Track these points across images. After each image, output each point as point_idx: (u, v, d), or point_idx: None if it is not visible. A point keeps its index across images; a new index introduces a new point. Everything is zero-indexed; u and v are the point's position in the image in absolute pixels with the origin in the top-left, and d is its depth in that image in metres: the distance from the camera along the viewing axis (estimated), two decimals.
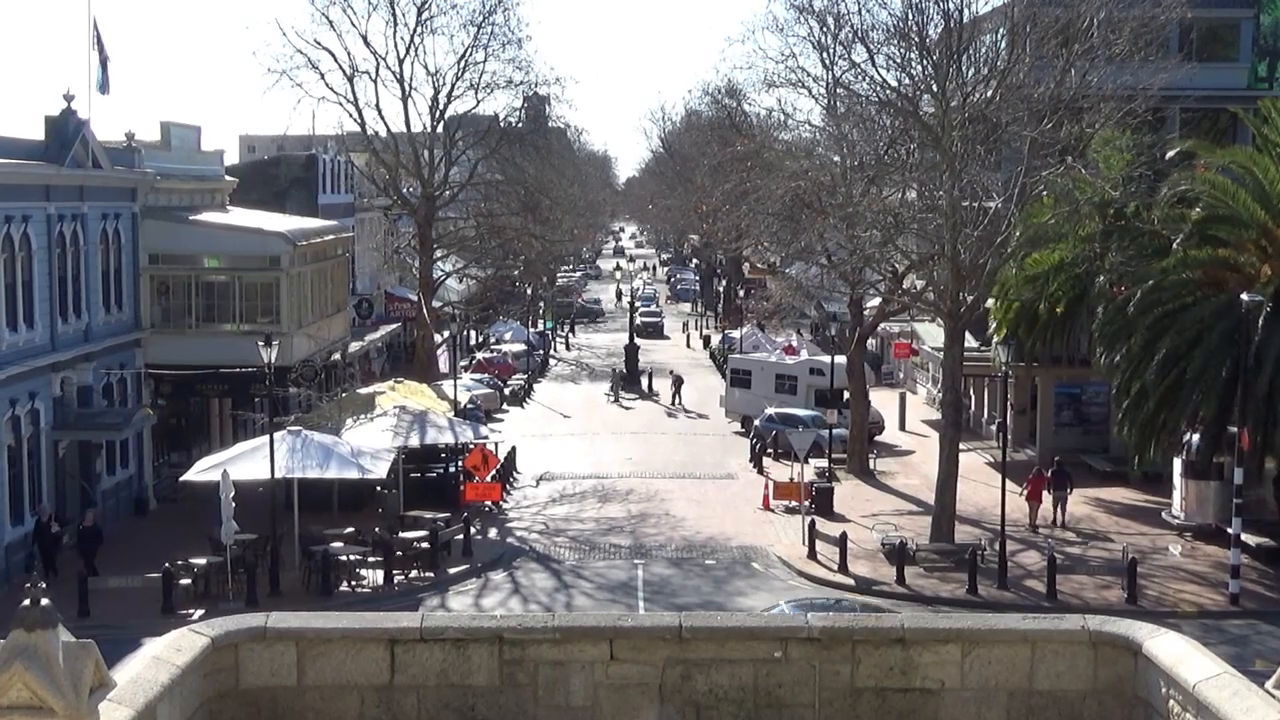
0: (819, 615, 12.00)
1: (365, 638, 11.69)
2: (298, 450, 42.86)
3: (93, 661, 8.86)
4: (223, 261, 54.92)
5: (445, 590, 42.50)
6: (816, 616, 11.88)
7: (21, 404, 44.07)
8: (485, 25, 70.05)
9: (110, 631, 32.47)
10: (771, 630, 11.86)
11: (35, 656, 8.57)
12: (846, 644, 11.69)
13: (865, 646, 11.71)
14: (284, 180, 75.75)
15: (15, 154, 44.57)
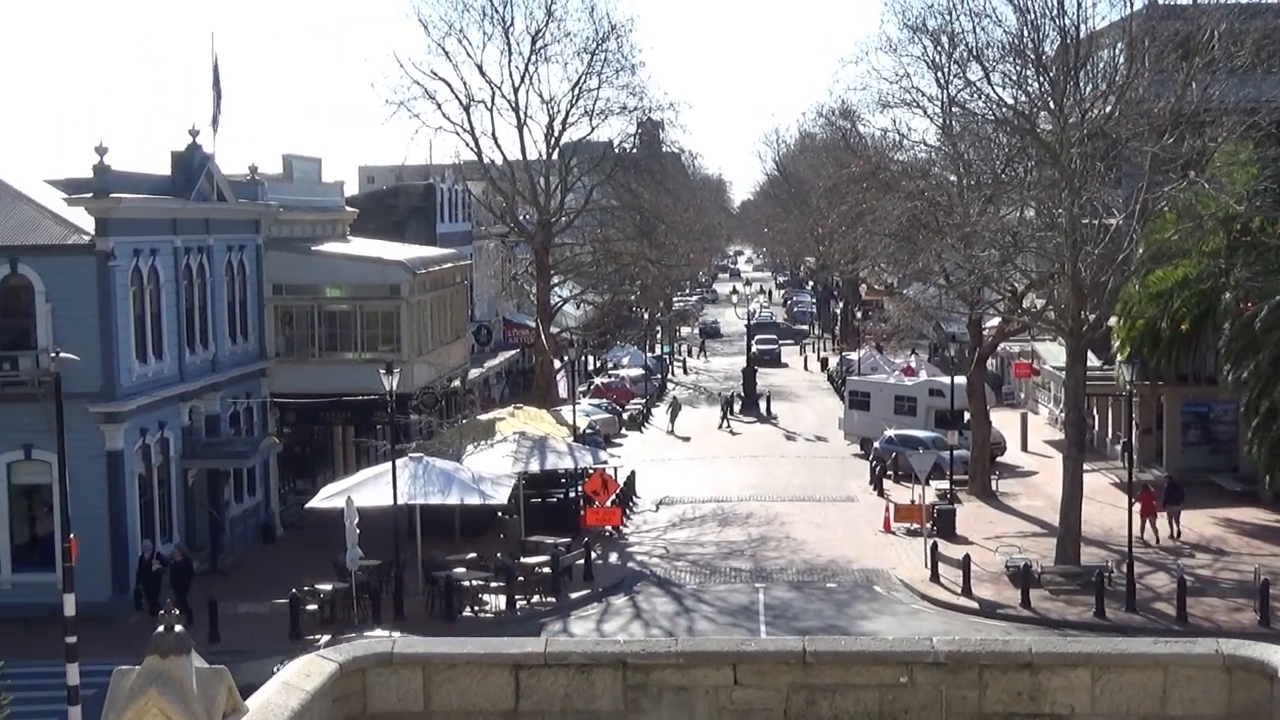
0: (945, 640, 11.86)
1: (490, 663, 11.74)
2: (420, 476, 43.27)
3: (225, 687, 9.00)
4: (344, 291, 55.64)
5: (567, 615, 42.62)
6: (943, 641, 11.76)
7: (152, 433, 44.97)
8: (599, 52, 70.54)
9: (240, 657, 32.93)
10: (897, 655, 11.75)
11: (169, 682, 8.72)
12: (973, 669, 11.54)
13: (992, 671, 11.55)
14: (403, 210, 76.64)
15: (144, 189, 45.58)
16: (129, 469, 43.41)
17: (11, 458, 42.92)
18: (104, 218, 42.63)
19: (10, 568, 43.22)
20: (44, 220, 43.75)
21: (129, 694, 8.76)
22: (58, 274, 42.45)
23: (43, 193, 45.88)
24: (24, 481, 43.39)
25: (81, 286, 42.28)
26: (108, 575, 42.42)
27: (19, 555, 43.36)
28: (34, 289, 42.56)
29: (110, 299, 42.50)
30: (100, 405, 42.10)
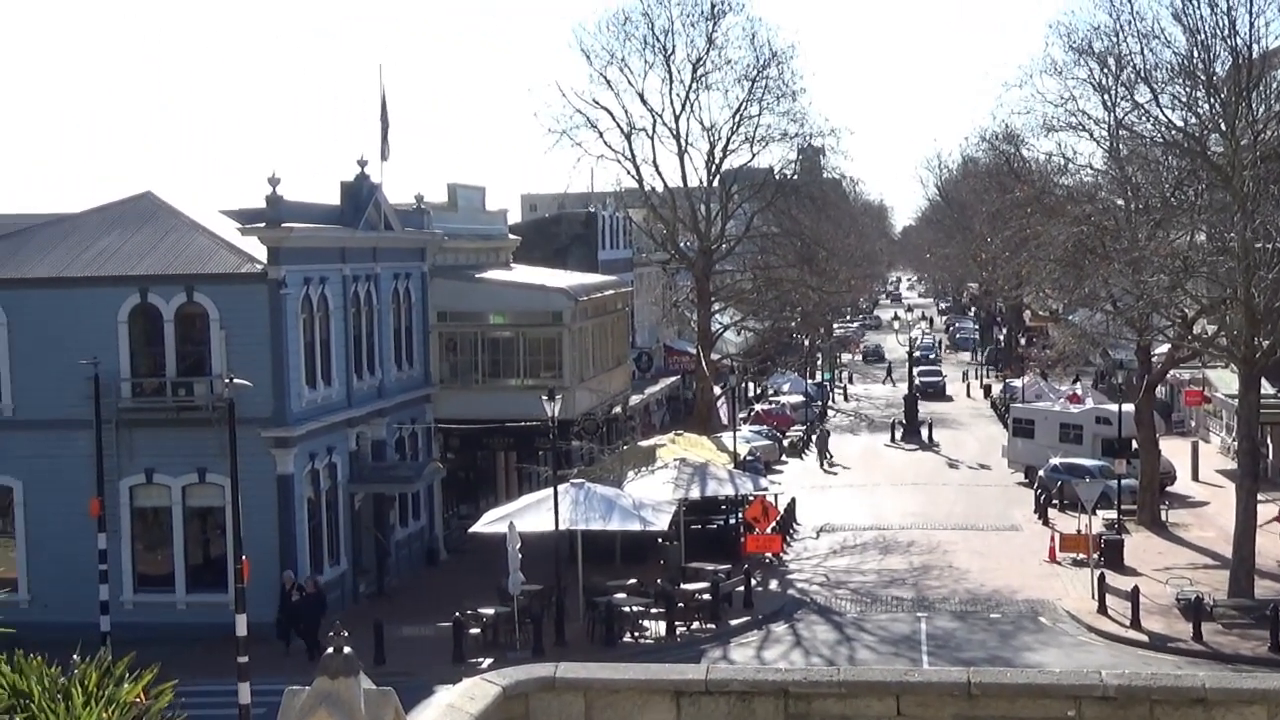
0: (1114, 674, 11.65)
1: (651, 689, 11.78)
2: (581, 502, 43.54)
3: (392, 709, 9.16)
4: (507, 318, 56.30)
5: (727, 642, 42.54)
6: (1112, 675, 11.55)
7: (320, 458, 45.88)
8: (760, 79, 70.56)
9: (404, 679, 33.39)
10: (1064, 688, 11.57)
11: (339, 703, 8.90)
12: (1144, 703, 11.32)
13: (1164, 707, 11.32)
14: (565, 237, 77.36)
15: (314, 218, 46.61)
16: (298, 493, 44.32)
17: (186, 481, 44.08)
18: (276, 247, 43.67)
19: (184, 588, 44.35)
20: (219, 249, 44.95)
21: (299, 714, 8.96)
22: (231, 302, 43.57)
23: (218, 223, 47.19)
24: (198, 504, 44.54)
25: (254, 314, 43.32)
26: (278, 597, 43.28)
27: (193, 576, 44.48)
28: (209, 316, 43.72)
29: (281, 326, 43.48)
30: (271, 430, 43.05)
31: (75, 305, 43.95)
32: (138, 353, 44.25)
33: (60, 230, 47.17)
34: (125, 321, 43.95)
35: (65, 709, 12.26)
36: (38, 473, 44.18)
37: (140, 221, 46.91)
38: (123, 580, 43.74)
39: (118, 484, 43.45)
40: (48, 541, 44.04)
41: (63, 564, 43.26)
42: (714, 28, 69.88)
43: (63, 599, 42.21)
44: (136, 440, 43.59)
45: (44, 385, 43.81)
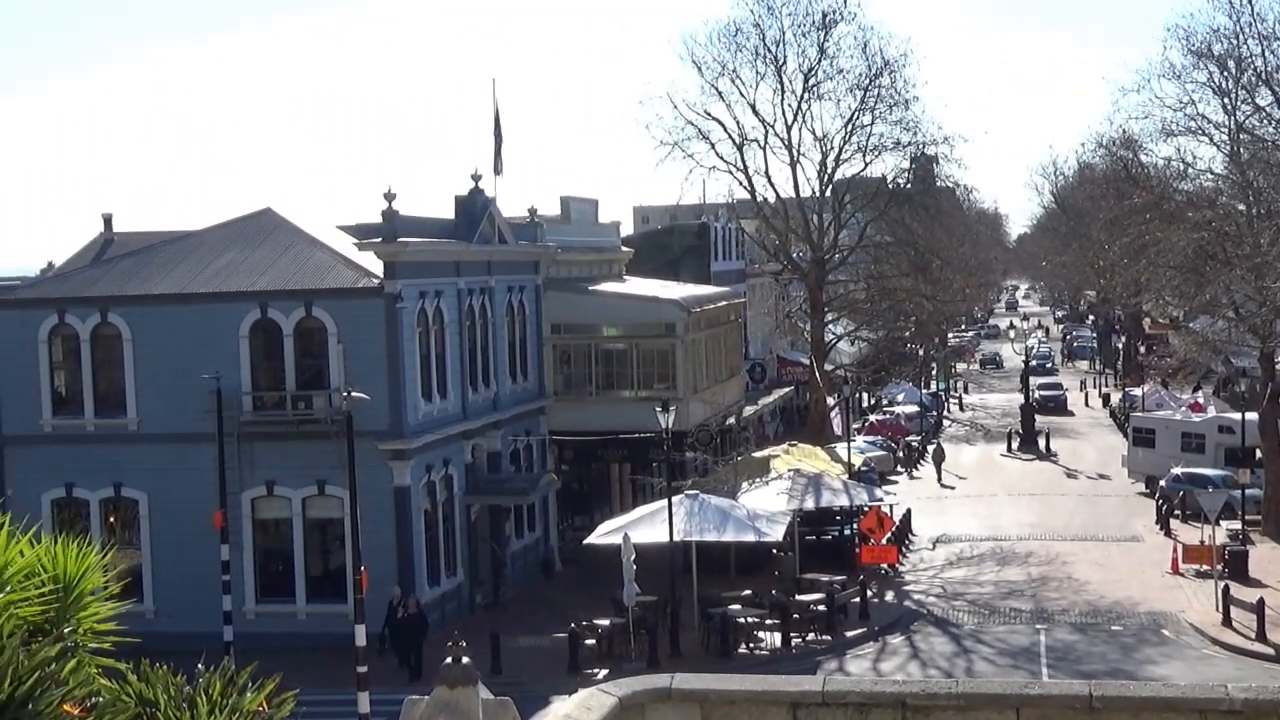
0: (1241, 687, 11.44)
1: (768, 700, 11.76)
2: (695, 513, 43.53)
3: (509, 718, 9.22)
4: (621, 330, 56.46)
5: (843, 654, 42.32)
6: (1239, 689, 11.35)
7: (436, 470, 46.30)
8: (872, 88, 70.23)
9: (520, 689, 33.60)
10: (1190, 702, 11.38)
11: (458, 712, 8.98)
12: (1272, 717, 11.11)
13: None
14: (677, 249, 77.46)
15: (429, 232, 47.10)
16: (415, 504, 44.76)
17: (306, 493, 44.69)
18: (392, 261, 44.17)
19: (304, 599, 44.94)
20: (336, 264, 45.56)
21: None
22: (349, 316, 44.12)
23: (335, 238, 47.83)
24: (317, 516, 45.13)
25: (371, 328, 43.83)
26: (384, 611, 43.67)
27: (312, 587, 45.06)
28: (327, 330, 44.30)
29: (398, 340, 43.96)
30: (388, 443, 43.52)
31: (198, 320, 44.75)
32: (258, 367, 44.95)
33: (183, 247, 48.08)
34: (246, 336, 44.67)
35: (190, 717, 12.50)
36: (162, 485, 45.02)
37: (260, 237, 47.68)
38: (245, 591, 44.42)
39: (239, 496, 44.14)
40: (172, 553, 44.85)
41: (187, 575, 44.03)
42: (825, 37, 69.74)
43: (187, 609, 42.97)
44: (257, 453, 44.28)
45: (168, 399, 44.65)
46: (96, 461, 45.37)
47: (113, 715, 12.41)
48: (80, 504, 45.75)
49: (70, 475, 45.50)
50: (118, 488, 45.61)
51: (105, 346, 45.71)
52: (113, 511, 46.16)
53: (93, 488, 45.66)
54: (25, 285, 51.77)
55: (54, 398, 46.13)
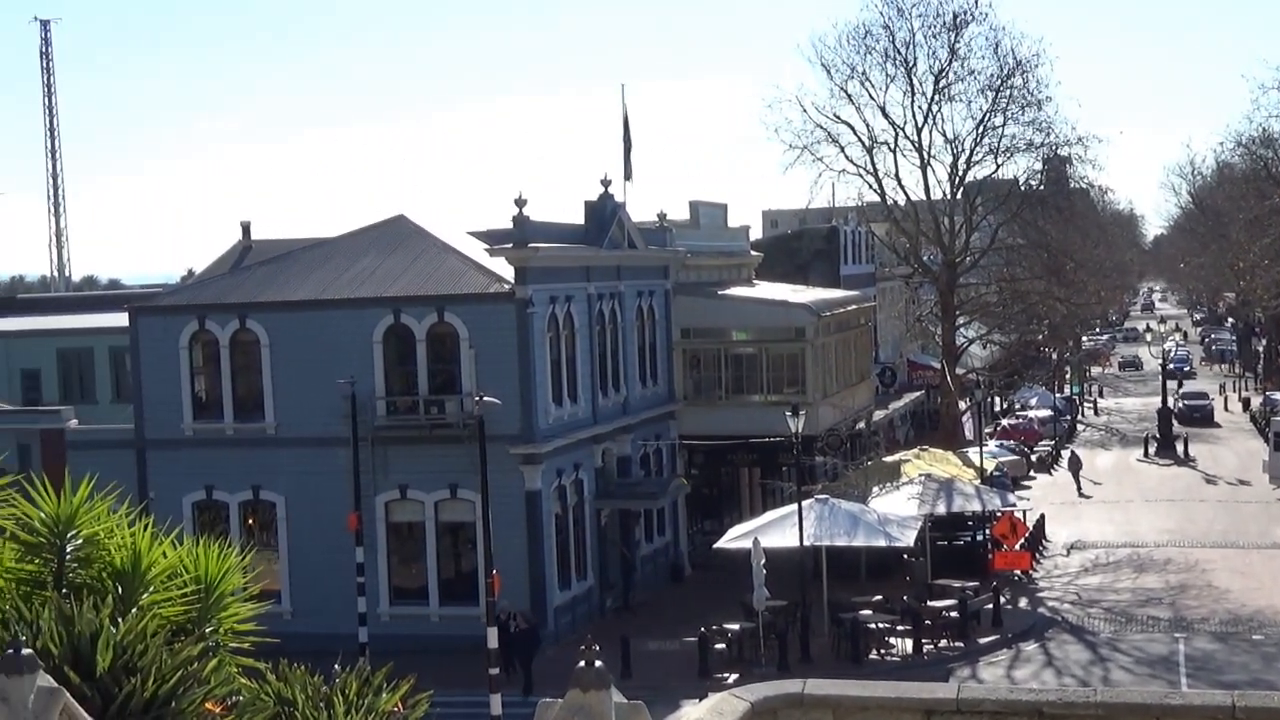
0: None
1: (901, 707, 11.67)
2: (825, 518, 43.36)
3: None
4: (750, 334, 56.40)
5: (975, 661, 41.87)
6: None
7: (567, 474, 46.56)
8: (1004, 89, 69.45)
9: (650, 693, 33.65)
10: None
11: (591, 716, 9.01)
12: None
13: None
14: (806, 253, 77.18)
15: (559, 238, 47.40)
16: (546, 508, 45.04)
17: (438, 496, 45.16)
18: (523, 267, 44.51)
19: (437, 601, 45.41)
20: (468, 270, 46.01)
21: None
22: (480, 321, 44.53)
23: (467, 244, 48.34)
24: (449, 519, 45.58)
25: (502, 333, 44.20)
26: (527, 610, 43.96)
27: (445, 589, 45.52)
28: (459, 336, 44.75)
29: (529, 345, 44.28)
30: (520, 447, 43.84)
31: (333, 326, 45.43)
32: (391, 372, 45.52)
33: (319, 254, 48.84)
34: (380, 342, 45.25)
35: (327, 717, 12.68)
36: (299, 488, 45.76)
37: (394, 244, 48.30)
38: (379, 593, 44.98)
39: (373, 499, 44.71)
40: (309, 554, 45.55)
41: (322, 576, 44.69)
42: (956, 38, 69.10)
43: (323, 610, 43.61)
44: (391, 457, 44.83)
45: (304, 404, 45.37)
46: (236, 465, 46.24)
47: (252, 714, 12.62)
48: (220, 506, 46.65)
49: (210, 478, 46.41)
50: (256, 490, 46.44)
51: (244, 352, 46.57)
52: (251, 514, 47.01)
53: (232, 490, 46.54)
54: (167, 292, 52.97)
55: (194, 402, 47.09)
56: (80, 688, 10.38)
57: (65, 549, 14.56)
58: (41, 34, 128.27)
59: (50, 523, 14.71)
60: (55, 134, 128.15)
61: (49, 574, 14.52)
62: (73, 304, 72.51)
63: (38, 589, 14.25)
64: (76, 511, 14.79)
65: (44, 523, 14.78)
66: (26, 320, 64.39)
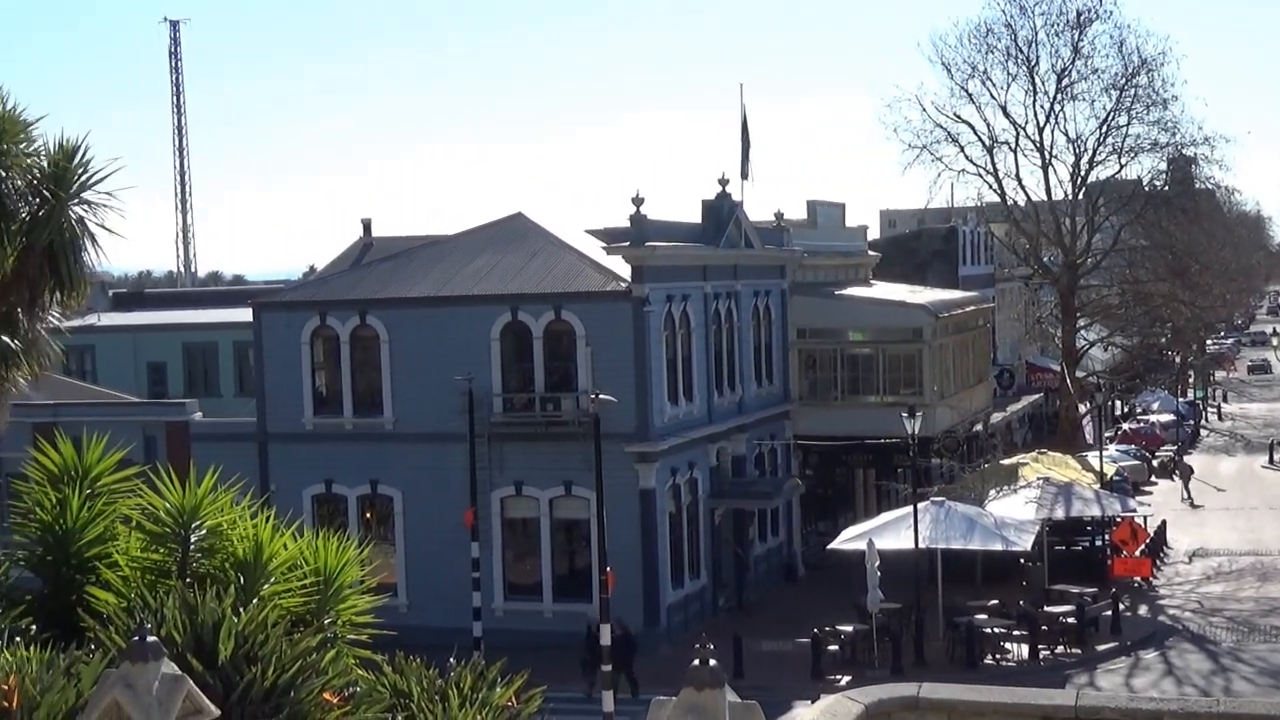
0: None
1: (1018, 713, 11.55)
2: (941, 521, 43.01)
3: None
4: (866, 334, 56.10)
5: (1093, 668, 41.31)
6: None
7: (681, 473, 46.59)
8: (1128, 88, 68.37)
9: (762, 693, 33.58)
10: None
11: (705, 715, 9.01)
12: None
13: None
14: (924, 253, 76.59)
15: (676, 237, 47.44)
16: (660, 507, 45.09)
17: (553, 493, 45.39)
18: (640, 265, 44.61)
19: (551, 597, 45.64)
20: (585, 268, 46.20)
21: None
22: (597, 319, 44.69)
23: (584, 242, 48.54)
24: (564, 516, 45.80)
25: (619, 331, 44.32)
26: (639, 607, 44.12)
27: (559, 586, 45.74)
28: (575, 334, 44.95)
29: (645, 343, 44.36)
30: (634, 445, 43.94)
31: (451, 323, 45.83)
32: (508, 369, 45.83)
33: (438, 251, 49.31)
34: (497, 339, 45.58)
35: (442, 710, 12.80)
36: (416, 483, 46.21)
37: (511, 242, 48.62)
38: (493, 588, 45.30)
39: (489, 495, 45.04)
40: (425, 549, 45.99)
41: (438, 571, 45.10)
42: (1080, 36, 68.13)
43: (438, 604, 44.01)
44: (507, 453, 45.15)
45: (422, 400, 45.81)
46: (354, 459, 46.81)
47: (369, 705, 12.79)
48: (339, 500, 47.25)
49: (330, 472, 47.02)
50: (374, 485, 46.98)
51: (364, 348, 47.14)
52: (369, 508, 47.56)
53: (351, 484, 47.12)
54: (289, 288, 53.83)
55: (315, 397, 47.73)
56: (203, 675, 10.58)
57: (189, 539, 14.85)
58: (170, 34, 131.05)
59: (175, 513, 15.00)
60: (183, 132, 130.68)
61: (174, 563, 14.81)
62: (198, 299, 73.98)
63: (162, 578, 14.54)
64: (201, 503, 15.07)
65: (169, 513, 15.08)
66: (153, 315, 65.73)
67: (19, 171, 16.00)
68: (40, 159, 16.16)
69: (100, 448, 16.12)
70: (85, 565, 15.02)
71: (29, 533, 15.58)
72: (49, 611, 14.57)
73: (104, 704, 8.35)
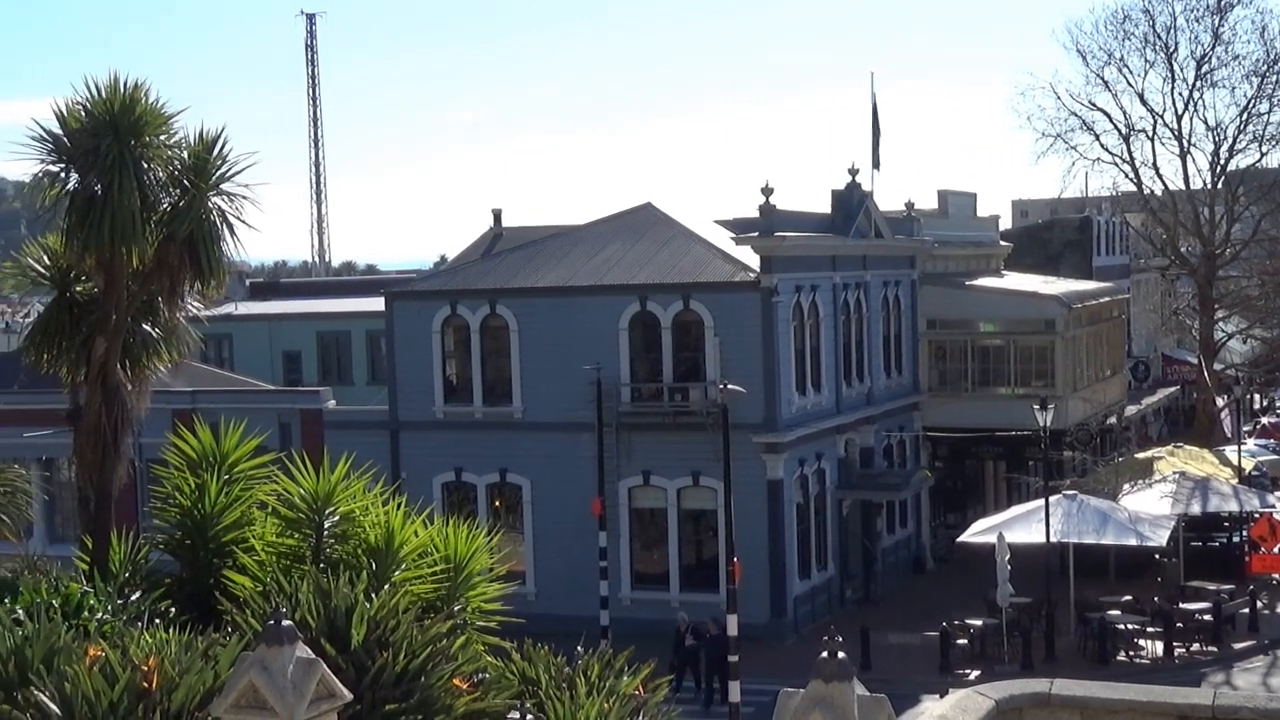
0: None
1: (1153, 712, 11.37)
2: (1073, 515, 42.41)
3: (884, 716, 9.17)
4: (997, 325, 55.44)
5: (1229, 666, 40.52)
6: None
7: (809, 464, 46.42)
8: (1270, 74, 66.89)
9: (889, 686, 33.37)
10: None
11: (833, 707, 8.97)
12: None
13: None
14: (1057, 243, 75.51)
15: (805, 227, 47.25)
16: (788, 498, 44.96)
17: (681, 483, 45.44)
18: (768, 256, 44.48)
19: (678, 587, 45.71)
20: (714, 259, 46.16)
21: (794, 716, 9.09)
22: (725, 310, 44.64)
23: (713, 232, 48.49)
24: (691, 506, 45.84)
25: (747, 322, 44.22)
26: (766, 599, 44.05)
27: (685, 576, 45.79)
28: (704, 324, 44.93)
29: (773, 334, 44.23)
30: (762, 436, 43.84)
31: (580, 313, 46.04)
32: (636, 359, 45.93)
33: (567, 241, 49.54)
34: (625, 329, 45.69)
35: (569, 697, 12.90)
36: (545, 472, 46.51)
37: (640, 232, 48.71)
38: (621, 577, 45.46)
39: (617, 485, 45.20)
40: (553, 537, 46.28)
41: (566, 559, 45.37)
42: (1220, 22, 66.80)
43: (565, 593, 44.28)
44: (635, 443, 45.27)
45: (550, 389, 46.07)
46: (484, 447, 47.20)
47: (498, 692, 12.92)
48: (468, 488, 47.68)
49: (459, 460, 47.45)
50: (503, 473, 47.35)
51: (493, 337, 47.50)
52: (498, 496, 47.95)
53: (480, 473, 47.53)
54: (421, 278, 54.42)
55: (445, 386, 48.21)
56: (335, 660, 10.77)
57: (323, 525, 15.07)
58: (307, 28, 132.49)
59: (309, 499, 15.23)
60: (318, 124, 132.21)
61: (308, 549, 15.05)
62: (332, 289, 74.97)
63: (297, 563, 14.78)
64: (334, 489, 15.30)
65: (304, 499, 15.31)
66: (288, 304, 66.76)
67: (161, 163, 16.39)
68: (181, 151, 16.54)
69: (237, 434, 16.47)
70: (222, 549, 15.36)
71: (168, 517, 15.95)
72: (187, 594, 14.92)
73: (240, 686, 8.52)
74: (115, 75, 15.96)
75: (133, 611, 13.42)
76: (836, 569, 48.29)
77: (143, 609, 13.71)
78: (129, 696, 9.76)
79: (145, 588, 14.75)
